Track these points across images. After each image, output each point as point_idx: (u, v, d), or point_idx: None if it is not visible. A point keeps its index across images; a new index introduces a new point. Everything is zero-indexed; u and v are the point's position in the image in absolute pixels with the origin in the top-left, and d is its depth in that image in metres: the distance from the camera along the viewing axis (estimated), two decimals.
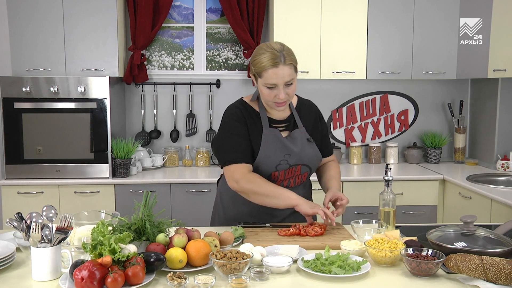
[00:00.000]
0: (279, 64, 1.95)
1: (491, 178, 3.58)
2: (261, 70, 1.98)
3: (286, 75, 1.97)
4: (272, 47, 1.98)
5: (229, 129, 2.12)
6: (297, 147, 2.13)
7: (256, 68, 2.01)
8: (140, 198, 1.84)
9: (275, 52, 1.96)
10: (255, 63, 2.01)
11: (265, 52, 1.98)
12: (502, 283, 1.50)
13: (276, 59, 1.95)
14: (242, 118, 2.12)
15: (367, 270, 1.61)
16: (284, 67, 1.96)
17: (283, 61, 1.96)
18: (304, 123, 2.20)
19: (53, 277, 1.58)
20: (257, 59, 2.00)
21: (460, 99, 4.22)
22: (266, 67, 1.96)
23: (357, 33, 3.79)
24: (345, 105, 4.24)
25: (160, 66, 4.13)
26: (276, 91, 1.99)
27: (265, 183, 2.04)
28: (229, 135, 2.11)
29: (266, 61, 1.96)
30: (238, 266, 1.55)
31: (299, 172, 2.17)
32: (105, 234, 1.56)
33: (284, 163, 2.12)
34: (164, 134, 4.15)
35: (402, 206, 3.61)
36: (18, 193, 3.51)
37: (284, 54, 1.97)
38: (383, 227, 1.95)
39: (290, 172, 2.15)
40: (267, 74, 1.97)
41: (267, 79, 1.98)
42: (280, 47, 1.99)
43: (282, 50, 1.98)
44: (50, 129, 3.54)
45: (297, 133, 2.16)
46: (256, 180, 2.04)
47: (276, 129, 2.14)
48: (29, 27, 3.56)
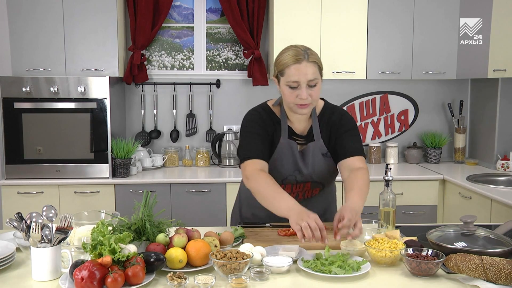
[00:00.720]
0: (302, 60, 1.88)
1: (491, 178, 3.58)
2: (284, 67, 1.91)
3: (309, 73, 1.89)
4: (296, 46, 1.94)
5: (246, 129, 2.07)
6: (308, 163, 2.06)
7: (278, 66, 1.94)
8: (140, 198, 1.84)
9: (299, 50, 1.91)
10: (277, 62, 1.95)
11: (288, 50, 1.93)
12: (502, 283, 1.50)
13: (299, 55, 1.89)
14: (261, 120, 2.06)
15: (367, 270, 1.61)
16: (307, 63, 1.89)
17: (306, 58, 1.89)
18: (323, 133, 2.09)
19: (53, 277, 1.58)
20: (280, 58, 1.94)
21: (460, 99, 4.22)
22: (289, 63, 1.89)
23: (357, 33, 3.79)
24: (345, 105, 4.24)
25: (160, 66, 4.12)
26: (299, 90, 1.90)
27: (268, 185, 1.91)
28: (246, 134, 2.06)
29: (289, 57, 1.90)
30: (238, 266, 1.55)
31: (308, 188, 2.13)
32: (105, 234, 1.56)
33: (291, 178, 2.08)
34: (164, 134, 4.15)
35: (402, 206, 3.61)
36: (18, 193, 3.50)
37: (308, 52, 1.91)
38: (383, 227, 1.95)
39: (297, 187, 2.12)
40: (289, 71, 1.90)
41: (289, 76, 1.90)
42: (305, 47, 1.94)
43: (306, 49, 1.92)
44: (50, 129, 3.54)
45: (311, 147, 2.07)
46: (261, 180, 1.93)
47: (293, 142, 2.06)
48: (29, 27, 3.56)
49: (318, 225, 1.72)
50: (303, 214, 1.75)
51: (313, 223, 1.71)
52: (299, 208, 1.80)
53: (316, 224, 1.71)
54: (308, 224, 1.70)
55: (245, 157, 2.02)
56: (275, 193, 1.89)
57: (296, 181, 2.09)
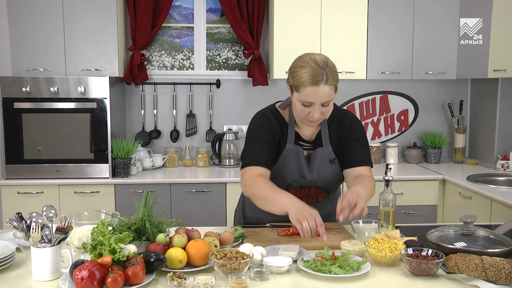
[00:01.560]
0: (320, 83, 1.81)
1: (491, 178, 3.58)
2: (300, 85, 1.83)
3: (325, 95, 1.83)
4: (315, 61, 1.84)
5: (252, 133, 2.04)
6: (314, 169, 2.04)
7: (294, 80, 1.86)
8: (140, 198, 1.84)
9: (318, 69, 1.81)
10: (294, 75, 1.86)
11: (307, 66, 1.83)
12: (502, 283, 1.50)
13: (318, 77, 1.81)
14: (269, 126, 2.02)
15: (367, 270, 1.61)
16: (325, 86, 1.81)
17: (325, 80, 1.81)
18: (332, 139, 2.06)
19: (53, 277, 1.58)
20: (297, 72, 1.85)
21: (460, 99, 4.22)
22: (306, 83, 1.82)
23: (357, 33, 3.79)
24: (345, 105, 4.24)
25: (160, 66, 4.12)
26: (311, 109, 1.86)
27: (266, 187, 1.90)
28: (251, 140, 2.03)
29: (307, 77, 1.81)
30: (238, 266, 1.55)
31: (313, 193, 2.12)
32: (105, 234, 1.56)
33: (296, 184, 2.07)
34: (164, 134, 4.15)
35: (402, 206, 3.61)
36: (18, 193, 3.50)
37: (327, 72, 1.82)
38: (383, 227, 1.95)
39: (301, 192, 2.11)
40: (306, 91, 1.83)
41: (304, 96, 1.84)
42: (324, 63, 1.84)
43: (325, 67, 1.83)
44: (50, 129, 3.54)
45: (319, 153, 2.04)
46: (258, 183, 1.92)
47: (300, 147, 2.04)
48: (29, 27, 3.56)
49: (317, 223, 1.73)
50: (304, 211, 1.75)
51: (313, 222, 1.72)
52: (299, 204, 1.79)
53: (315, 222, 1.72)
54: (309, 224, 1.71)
55: (246, 163, 2.00)
56: (274, 193, 1.87)
57: (301, 186, 2.08)
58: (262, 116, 2.05)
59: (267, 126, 2.02)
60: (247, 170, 1.98)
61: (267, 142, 2.00)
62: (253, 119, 2.07)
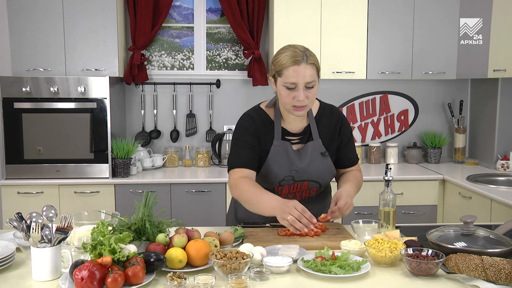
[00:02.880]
0: (301, 62, 1.87)
1: (491, 178, 3.58)
2: (281, 68, 1.90)
3: (307, 75, 1.88)
4: (294, 46, 1.93)
5: (236, 136, 2.09)
6: (305, 163, 2.06)
7: (276, 66, 1.93)
8: (140, 198, 1.84)
9: (298, 51, 1.90)
10: (275, 62, 1.94)
11: (286, 51, 1.92)
12: (502, 283, 1.50)
13: (297, 57, 1.88)
14: (252, 126, 2.06)
15: (367, 270, 1.61)
16: (306, 65, 1.88)
17: (305, 60, 1.88)
18: (322, 133, 2.10)
19: (53, 277, 1.58)
20: (278, 58, 1.93)
21: (460, 99, 4.22)
22: (287, 64, 1.88)
23: (357, 33, 3.79)
24: (345, 105, 4.24)
25: (160, 66, 4.13)
26: (296, 92, 1.90)
27: (249, 189, 1.95)
28: (235, 142, 2.08)
29: (288, 58, 1.89)
30: (238, 266, 1.55)
31: (306, 187, 2.13)
32: (105, 234, 1.56)
33: (288, 179, 2.08)
34: (164, 134, 4.15)
35: (402, 206, 3.61)
36: (18, 193, 3.50)
37: (307, 54, 1.90)
38: (383, 227, 1.95)
39: (295, 187, 2.12)
40: (287, 72, 1.89)
41: (287, 77, 1.89)
42: (303, 48, 1.93)
43: (305, 50, 1.91)
44: (50, 129, 3.54)
45: (310, 147, 2.08)
46: (242, 186, 1.96)
47: (287, 142, 2.06)
48: (29, 27, 3.56)
49: (299, 210, 1.77)
50: (284, 207, 1.80)
51: (295, 211, 1.77)
52: (280, 203, 1.84)
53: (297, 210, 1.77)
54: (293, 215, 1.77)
55: (231, 166, 2.05)
56: (257, 196, 1.92)
57: (294, 181, 2.09)
58: (246, 117, 2.09)
59: (251, 127, 2.06)
60: (232, 172, 2.04)
61: (250, 144, 2.04)
62: (238, 121, 2.11)
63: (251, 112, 2.11)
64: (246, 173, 2.02)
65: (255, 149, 2.05)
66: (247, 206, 1.98)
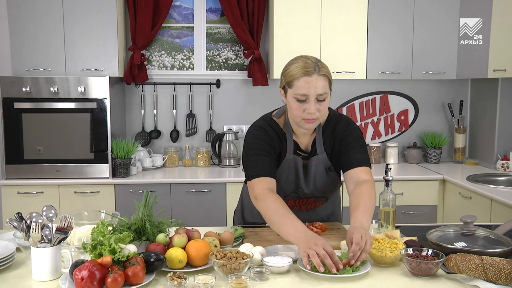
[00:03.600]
0: (312, 73, 1.80)
1: (491, 178, 3.58)
2: (292, 78, 1.82)
3: (319, 86, 1.80)
4: (306, 57, 1.86)
5: (252, 145, 1.98)
6: (310, 181, 2.02)
7: (286, 78, 1.85)
8: (140, 198, 1.84)
9: (309, 62, 1.82)
10: (285, 73, 1.86)
11: (297, 61, 1.84)
12: (502, 283, 1.50)
13: (309, 68, 1.80)
14: (267, 137, 1.98)
15: (367, 270, 1.61)
16: (318, 77, 1.80)
17: (317, 71, 1.80)
18: (325, 145, 2.02)
19: (53, 277, 1.58)
20: (289, 68, 1.86)
21: (460, 99, 4.22)
22: (298, 75, 1.81)
23: (357, 33, 3.79)
24: (345, 105, 4.24)
25: (160, 66, 4.12)
26: (307, 104, 1.82)
27: (275, 209, 1.82)
28: (253, 151, 1.97)
29: (299, 69, 1.81)
30: (238, 266, 1.55)
31: (312, 201, 2.11)
32: (105, 234, 1.56)
33: (294, 195, 2.06)
34: (164, 134, 4.15)
35: (402, 206, 3.61)
36: (18, 193, 3.50)
37: (319, 65, 1.82)
38: (383, 227, 1.95)
39: (300, 202, 2.10)
40: (298, 83, 1.81)
41: (298, 89, 1.81)
42: (315, 59, 1.85)
43: (317, 61, 1.84)
44: (50, 129, 3.54)
45: (314, 161, 2.01)
46: (269, 201, 1.85)
47: (298, 157, 2.01)
48: (29, 27, 3.56)
49: (328, 252, 1.60)
50: (310, 242, 1.64)
51: (321, 250, 1.59)
52: (306, 235, 1.69)
53: (325, 251, 1.60)
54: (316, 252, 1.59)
55: (254, 175, 1.93)
56: (283, 219, 1.79)
57: (299, 197, 2.08)
58: (259, 129, 2.00)
59: (266, 137, 1.97)
60: (257, 181, 1.91)
61: (269, 153, 1.96)
62: (250, 131, 2.02)
63: (262, 124, 2.01)
64: (270, 184, 1.91)
65: (273, 157, 1.97)
66: (269, 223, 1.86)
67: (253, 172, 1.94)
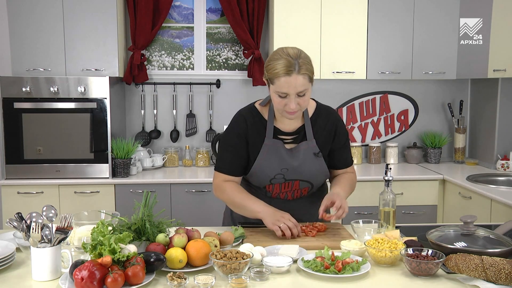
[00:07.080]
0: (292, 73, 1.85)
1: (491, 178, 3.58)
2: (274, 76, 1.89)
3: (298, 85, 1.87)
4: (288, 53, 1.88)
5: (225, 136, 2.14)
6: (297, 162, 2.06)
7: (269, 73, 1.92)
8: (140, 198, 1.84)
9: (290, 60, 1.86)
10: (268, 68, 1.92)
11: (280, 58, 1.88)
12: (502, 283, 1.50)
13: (290, 67, 1.85)
14: (242, 127, 2.08)
15: (367, 270, 1.61)
16: (297, 76, 1.86)
17: (297, 70, 1.85)
18: (317, 135, 2.10)
19: (53, 277, 1.58)
20: (271, 65, 1.91)
21: (460, 99, 4.22)
22: (279, 74, 1.86)
23: (357, 33, 3.79)
24: (345, 105, 4.24)
25: (160, 66, 4.13)
26: (287, 100, 1.90)
27: (234, 194, 2.06)
28: (222, 145, 2.14)
29: (280, 68, 1.86)
30: (238, 266, 1.55)
31: (297, 187, 2.12)
32: (105, 234, 1.56)
33: (279, 177, 2.08)
34: (164, 134, 4.15)
35: (402, 206, 3.61)
36: (18, 193, 3.50)
37: (299, 62, 1.86)
38: (383, 227, 1.95)
39: (286, 186, 2.12)
40: (279, 82, 1.87)
41: (279, 87, 1.88)
42: (297, 54, 1.89)
43: (298, 58, 1.87)
44: (50, 129, 3.54)
45: (303, 146, 2.08)
46: (227, 190, 2.07)
47: (279, 141, 2.07)
48: (29, 27, 3.56)
49: (294, 223, 1.93)
50: (277, 215, 1.96)
51: (289, 222, 1.92)
52: (271, 209, 1.98)
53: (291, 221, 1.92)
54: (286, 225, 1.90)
55: (215, 168, 2.14)
56: (244, 200, 2.04)
57: (285, 179, 2.09)
58: (239, 117, 2.12)
59: (241, 126, 2.08)
60: (216, 175, 2.13)
61: (236, 148, 2.08)
62: (232, 120, 2.14)
63: (244, 111, 2.13)
64: (228, 178, 2.11)
65: (241, 153, 2.09)
66: (232, 207, 2.10)
67: (218, 165, 2.14)
